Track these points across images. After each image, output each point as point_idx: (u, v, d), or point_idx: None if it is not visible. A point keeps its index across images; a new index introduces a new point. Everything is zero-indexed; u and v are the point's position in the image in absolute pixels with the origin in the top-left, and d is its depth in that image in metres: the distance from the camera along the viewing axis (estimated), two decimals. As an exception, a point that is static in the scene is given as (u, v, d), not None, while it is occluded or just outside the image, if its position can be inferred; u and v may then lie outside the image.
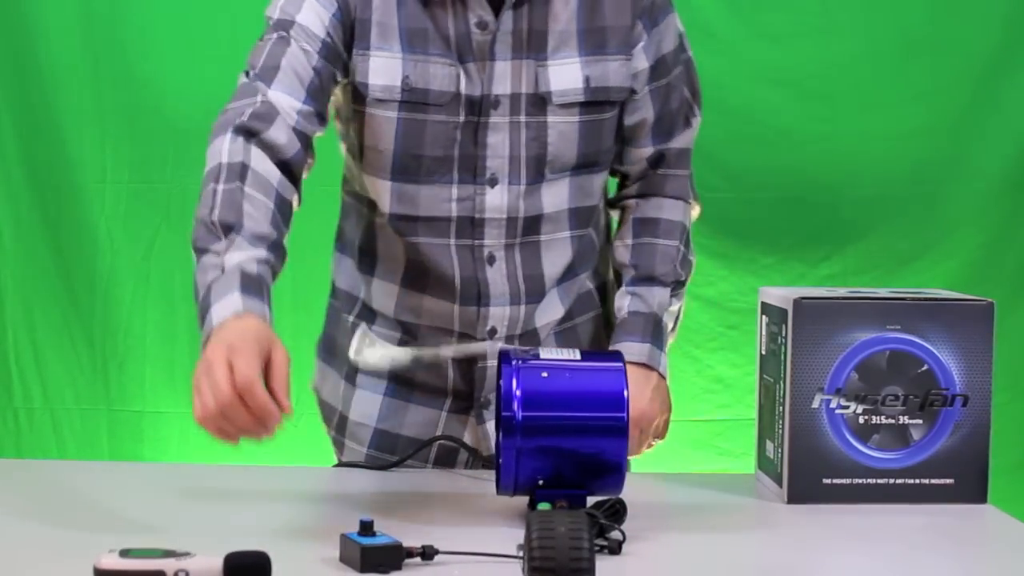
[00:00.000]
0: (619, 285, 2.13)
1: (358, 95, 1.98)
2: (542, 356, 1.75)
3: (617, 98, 2.04)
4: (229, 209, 1.78)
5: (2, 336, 3.34)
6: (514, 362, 1.72)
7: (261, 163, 1.84)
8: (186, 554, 1.45)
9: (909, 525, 1.81)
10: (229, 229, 1.76)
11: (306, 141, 1.92)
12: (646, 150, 2.11)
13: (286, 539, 1.63)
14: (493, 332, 2.04)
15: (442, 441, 2.06)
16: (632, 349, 2.03)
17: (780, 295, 1.94)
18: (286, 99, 1.90)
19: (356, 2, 1.95)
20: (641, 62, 2.05)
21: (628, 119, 2.08)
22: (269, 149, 1.87)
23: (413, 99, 1.96)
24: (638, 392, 1.98)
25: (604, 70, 2.00)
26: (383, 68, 1.96)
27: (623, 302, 2.08)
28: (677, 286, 2.12)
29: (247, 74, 1.94)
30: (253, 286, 1.71)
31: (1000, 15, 3.18)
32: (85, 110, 3.26)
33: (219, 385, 1.59)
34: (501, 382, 1.73)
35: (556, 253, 2.06)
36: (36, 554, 1.61)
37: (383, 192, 2.01)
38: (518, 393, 1.70)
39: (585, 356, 1.77)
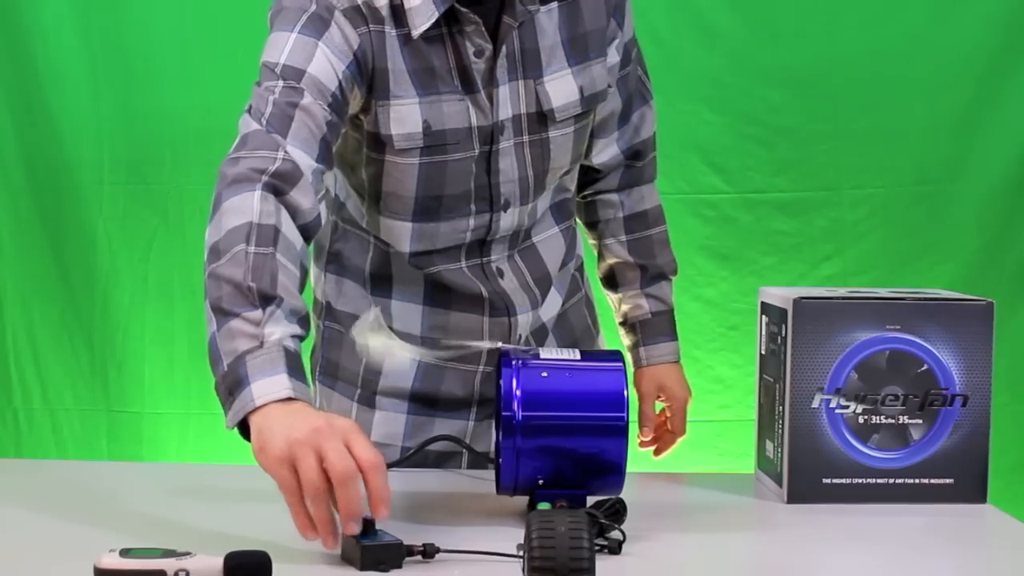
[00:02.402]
0: (615, 278, 2.22)
1: (378, 145, 1.93)
2: (542, 356, 1.75)
3: (602, 100, 2.06)
4: (264, 277, 1.64)
5: (1, 337, 3.34)
6: (514, 362, 1.73)
7: (290, 229, 1.71)
8: (186, 554, 1.46)
9: (909, 525, 1.81)
10: (267, 300, 1.63)
11: (321, 194, 1.81)
12: (614, 136, 2.15)
13: (286, 538, 1.63)
14: (520, 338, 2.06)
15: (448, 441, 2.06)
16: (669, 349, 2.22)
17: (780, 295, 1.94)
18: (303, 157, 1.76)
19: (371, 52, 1.86)
20: (614, 57, 2.07)
21: (600, 113, 2.11)
22: (293, 212, 1.73)
23: (434, 143, 1.92)
24: (682, 381, 2.22)
25: (591, 76, 2.00)
26: (404, 116, 1.90)
27: (642, 302, 2.21)
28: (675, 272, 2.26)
29: (258, 121, 1.78)
30: (297, 367, 1.61)
31: (1001, 15, 3.18)
32: (83, 111, 3.26)
33: (311, 473, 1.52)
34: (501, 382, 1.73)
35: (552, 249, 2.10)
36: (36, 554, 1.61)
37: (402, 233, 1.99)
38: (518, 393, 1.70)
39: (585, 356, 1.77)
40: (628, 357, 2.23)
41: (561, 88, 1.97)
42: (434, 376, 2.06)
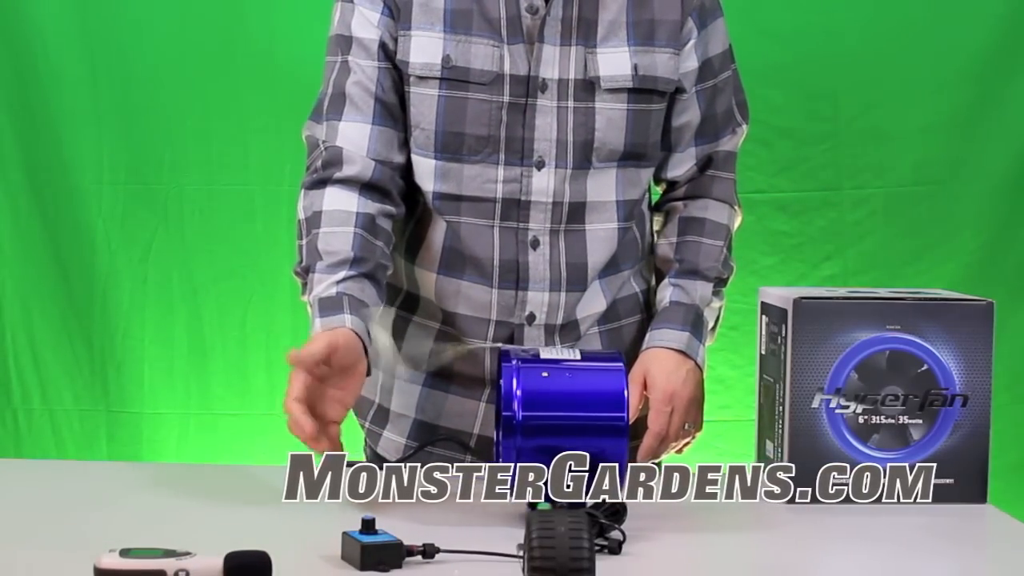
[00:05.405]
0: (660, 281, 2.15)
1: (400, 72, 2.03)
2: (542, 356, 1.75)
3: (664, 89, 2.06)
4: (308, 256, 1.96)
5: (1, 337, 3.34)
6: (514, 362, 1.73)
7: (334, 200, 1.98)
8: (186, 554, 1.46)
9: (909, 525, 1.81)
10: (307, 271, 1.95)
11: (386, 155, 2.00)
12: (692, 152, 2.14)
13: (286, 538, 1.63)
14: (532, 318, 2.05)
15: (448, 439, 2.08)
16: (671, 336, 2.06)
17: (780, 295, 1.94)
18: (357, 128, 2.01)
19: None
20: (691, 61, 2.08)
21: (675, 120, 2.12)
22: (346, 183, 1.99)
23: (454, 76, 1.99)
24: (671, 371, 2.03)
25: (652, 60, 2.03)
26: (424, 47, 2.00)
27: (665, 293, 2.11)
28: (719, 283, 2.15)
29: (317, 109, 2.04)
30: (329, 307, 1.88)
31: (1001, 15, 3.18)
32: (82, 111, 3.26)
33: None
34: (501, 382, 1.73)
35: (601, 244, 2.07)
36: (36, 554, 1.61)
37: (427, 170, 2.04)
38: (518, 393, 1.70)
39: (585, 356, 1.77)
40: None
41: (613, 61, 2.01)
42: (446, 351, 2.09)
